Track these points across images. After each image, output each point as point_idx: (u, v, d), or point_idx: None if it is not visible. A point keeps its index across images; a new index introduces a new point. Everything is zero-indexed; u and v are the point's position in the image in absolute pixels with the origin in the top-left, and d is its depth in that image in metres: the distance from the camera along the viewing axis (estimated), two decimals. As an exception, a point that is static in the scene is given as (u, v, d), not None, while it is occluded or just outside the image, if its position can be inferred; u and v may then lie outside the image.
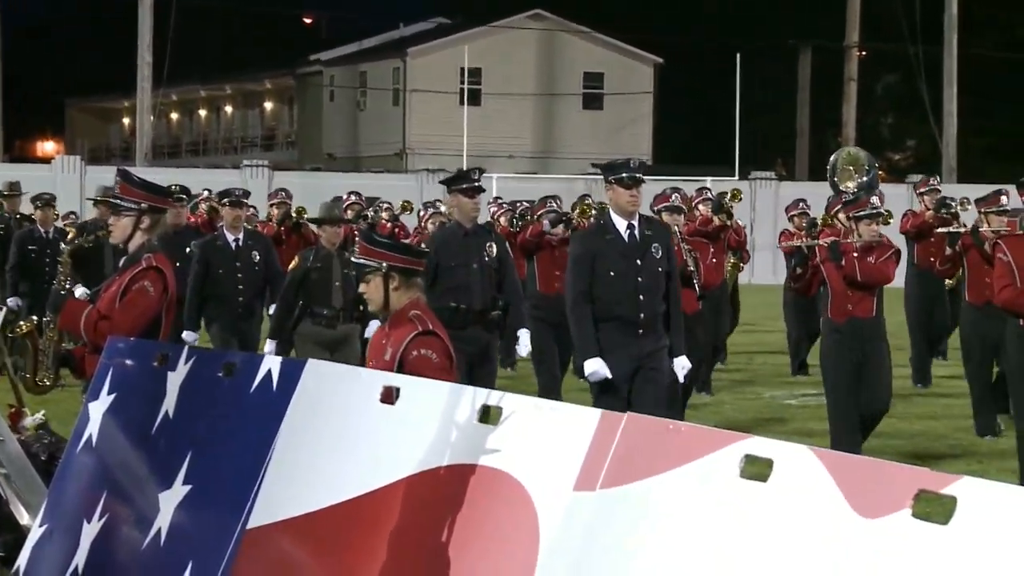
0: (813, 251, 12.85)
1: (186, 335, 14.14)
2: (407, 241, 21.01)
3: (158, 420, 7.24)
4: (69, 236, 15.85)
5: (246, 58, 74.86)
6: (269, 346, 13.67)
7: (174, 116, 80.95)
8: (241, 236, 14.56)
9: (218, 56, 74.28)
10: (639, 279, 10.65)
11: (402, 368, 7.85)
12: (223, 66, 74.88)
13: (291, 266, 13.87)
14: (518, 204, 20.73)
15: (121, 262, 8.98)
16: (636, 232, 10.73)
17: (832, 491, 4.23)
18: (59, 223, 21.03)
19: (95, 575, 7.21)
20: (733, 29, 62.87)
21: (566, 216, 16.59)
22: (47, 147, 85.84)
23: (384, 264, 8.13)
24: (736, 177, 42.71)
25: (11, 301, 17.96)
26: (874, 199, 12.87)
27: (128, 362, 7.82)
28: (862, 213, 12.69)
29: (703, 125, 65.67)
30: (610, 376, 10.55)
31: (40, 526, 7.75)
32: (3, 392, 10.32)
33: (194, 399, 7.13)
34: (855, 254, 12.44)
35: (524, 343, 12.62)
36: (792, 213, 19.76)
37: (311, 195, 22.07)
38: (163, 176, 31.06)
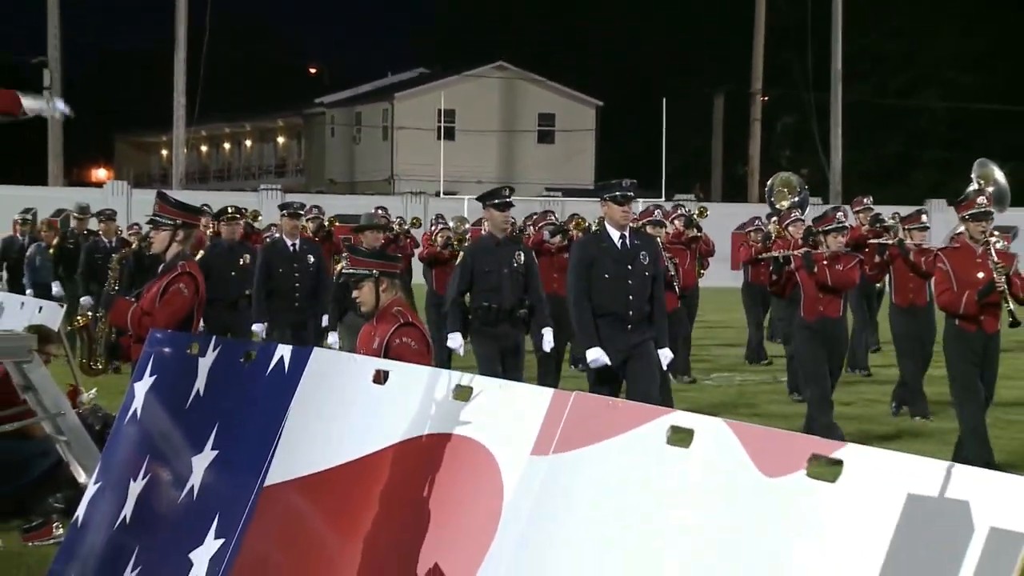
0: (789, 260, 12.68)
1: (256, 327, 13.93)
2: (419, 246, 21.30)
3: (191, 397, 7.21)
4: (134, 244, 15.84)
5: (262, 101, 74.68)
6: (332, 337, 13.69)
7: (203, 148, 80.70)
8: (297, 242, 14.31)
9: (239, 99, 74.02)
10: (629, 281, 10.42)
11: (387, 353, 7.84)
12: (243, 107, 74.68)
13: (338, 269, 13.87)
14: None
15: (160, 268, 8.97)
16: (627, 242, 10.51)
17: (741, 455, 4.23)
18: (124, 234, 21.62)
19: (139, 524, 7.18)
20: (660, 78, 62.95)
21: (563, 227, 16.47)
22: (99, 173, 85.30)
23: (375, 271, 8.13)
24: (663, 199, 42.57)
25: (84, 300, 18.28)
26: (839, 215, 12.67)
27: (166, 350, 7.78)
28: (830, 227, 12.41)
29: (636, 156, 65.70)
30: (609, 363, 10.28)
31: (95, 484, 7.71)
32: (64, 374, 10.29)
33: (220, 380, 7.10)
34: (825, 262, 12.23)
35: (548, 340, 12.14)
36: (748, 229, 19.61)
37: (316, 213, 21.97)
38: (194, 197, 30.82)
